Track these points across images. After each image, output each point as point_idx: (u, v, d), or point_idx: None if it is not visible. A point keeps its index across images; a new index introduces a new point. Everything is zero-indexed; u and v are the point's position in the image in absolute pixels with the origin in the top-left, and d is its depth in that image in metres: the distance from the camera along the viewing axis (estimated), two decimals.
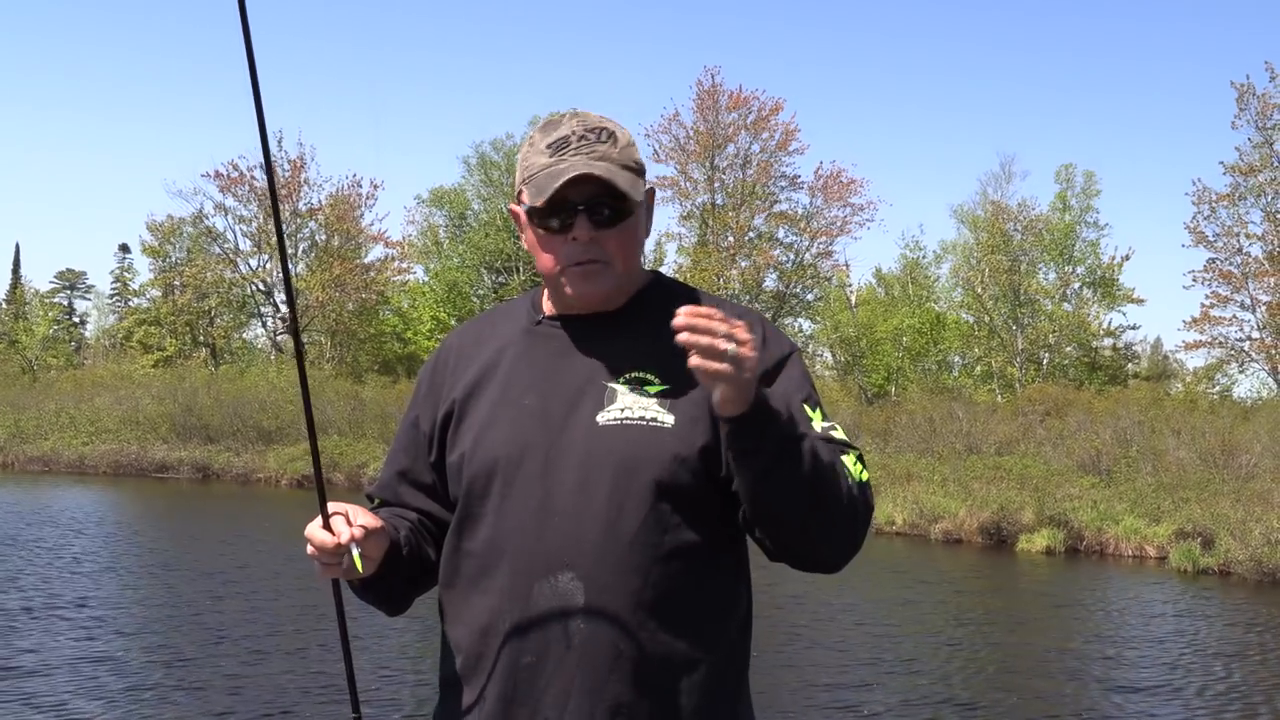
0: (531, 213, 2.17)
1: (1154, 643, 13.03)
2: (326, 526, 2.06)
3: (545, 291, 2.30)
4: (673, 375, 2.11)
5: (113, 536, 19.08)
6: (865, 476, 2.11)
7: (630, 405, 2.12)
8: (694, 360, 1.85)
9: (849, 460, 2.10)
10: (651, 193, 2.26)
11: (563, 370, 2.19)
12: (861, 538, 2.12)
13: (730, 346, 1.84)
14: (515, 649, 2.07)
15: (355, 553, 2.02)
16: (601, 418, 2.11)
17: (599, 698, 2.04)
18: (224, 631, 11.48)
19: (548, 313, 2.27)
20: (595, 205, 2.13)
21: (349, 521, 2.07)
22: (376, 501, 2.39)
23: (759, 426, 1.92)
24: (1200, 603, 16.24)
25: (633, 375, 2.14)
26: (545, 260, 2.19)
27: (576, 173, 2.10)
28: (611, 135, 2.18)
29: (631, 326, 2.20)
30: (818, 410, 2.17)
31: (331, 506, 2.10)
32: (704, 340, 1.84)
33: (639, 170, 2.20)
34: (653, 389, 2.13)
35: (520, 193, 2.22)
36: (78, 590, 13.51)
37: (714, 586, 2.13)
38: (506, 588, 2.09)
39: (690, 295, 2.27)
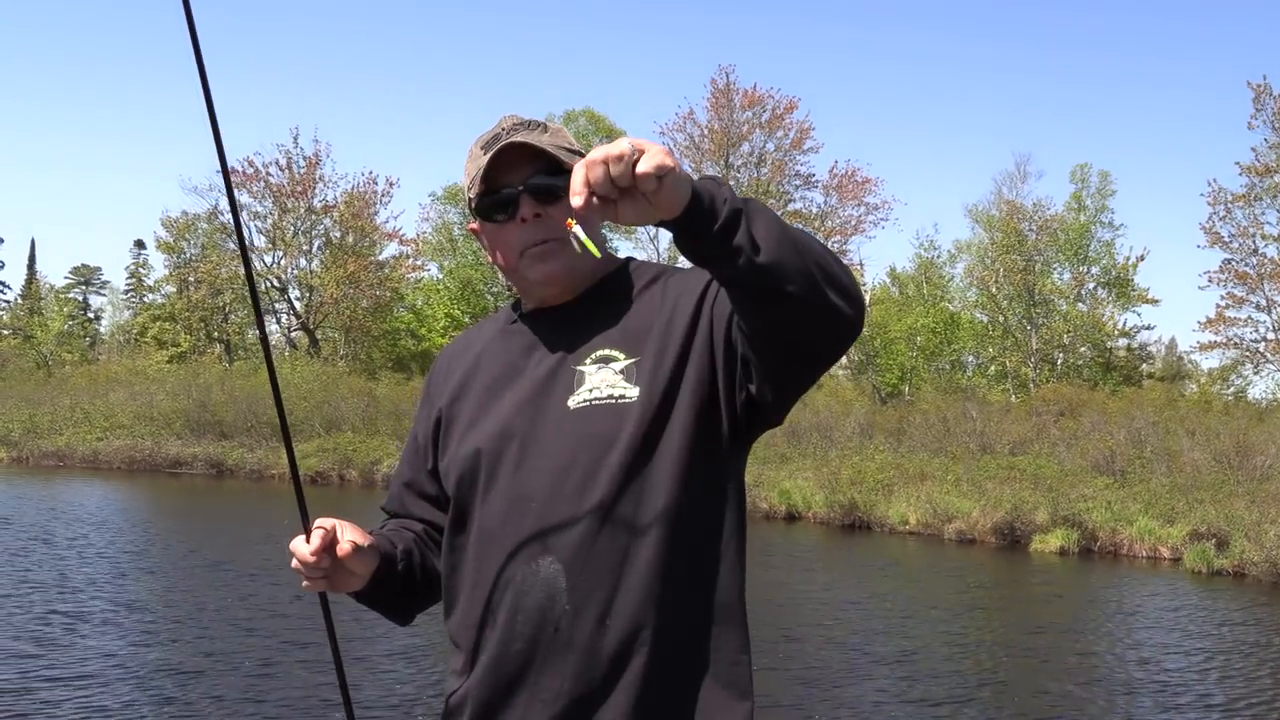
0: (478, 208, 2.22)
1: (1171, 645, 13.01)
2: (309, 541, 2.13)
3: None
4: (637, 349, 2.15)
5: (153, 536, 18.71)
6: None
7: (598, 385, 2.14)
8: (596, 206, 1.72)
9: None
10: None
11: (535, 361, 2.23)
12: (852, 283, 1.92)
13: (600, 172, 1.70)
14: (506, 637, 2.10)
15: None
16: (572, 401, 2.14)
17: (591, 677, 2.05)
18: (286, 637, 11.25)
19: (524, 311, 2.33)
20: (535, 187, 2.17)
21: (336, 536, 2.13)
22: (388, 514, 2.47)
23: (705, 207, 1.80)
24: (1216, 604, 16.19)
25: (599, 355, 2.17)
26: (504, 255, 2.24)
27: (503, 143, 2.16)
28: (542, 124, 2.24)
29: (599, 309, 2.23)
30: None
31: (318, 521, 2.15)
32: (586, 186, 1.71)
33: (575, 152, 2.23)
34: (618, 365, 2.15)
35: (470, 203, 2.27)
36: (129, 594, 13.26)
37: (697, 553, 2.11)
38: (494, 578, 2.12)
39: (658, 273, 2.30)
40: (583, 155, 2.22)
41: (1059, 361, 47.43)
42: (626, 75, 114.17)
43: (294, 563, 2.14)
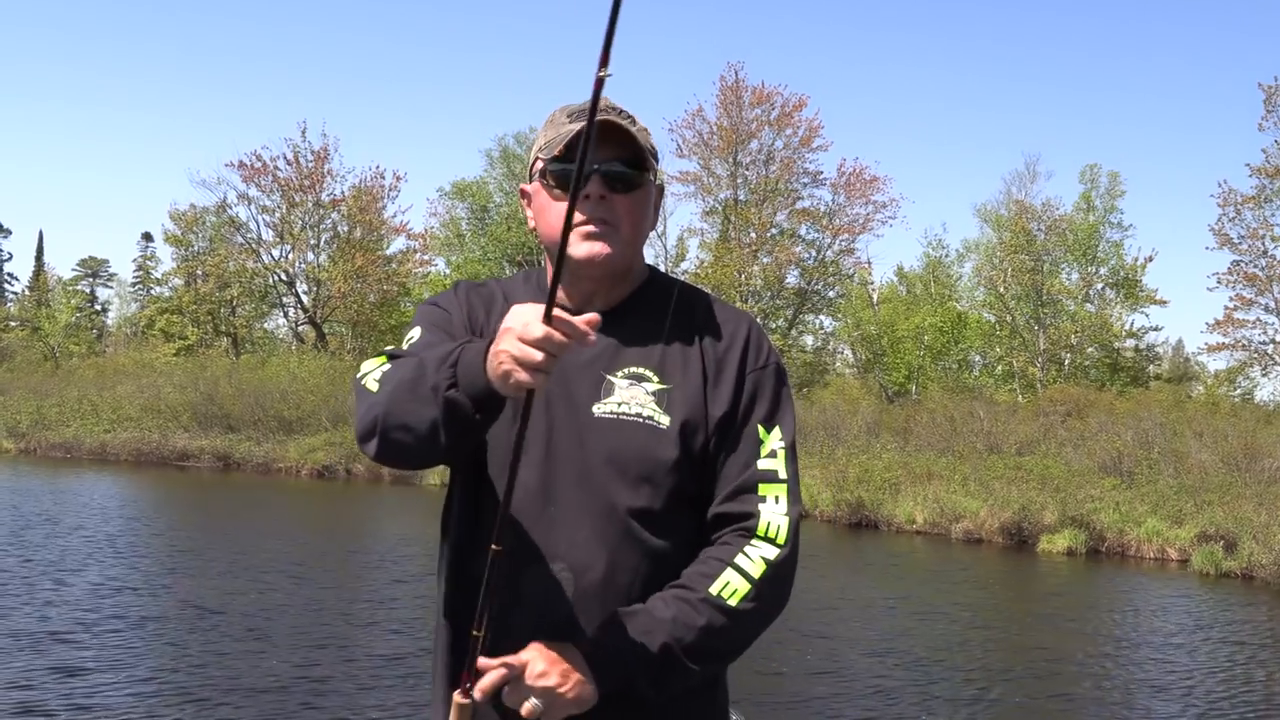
0: (546, 170, 2.17)
1: (1181, 647, 12.98)
2: (548, 321, 1.81)
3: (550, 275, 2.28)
4: (670, 376, 2.17)
5: (194, 536, 18.28)
6: (776, 545, 2.14)
7: (627, 400, 2.14)
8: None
9: (737, 566, 2.11)
10: (661, 189, 2.29)
11: (564, 360, 2.18)
12: (767, 617, 2.17)
13: (533, 702, 1.97)
14: (504, 631, 2.09)
15: None
16: (597, 409, 2.15)
17: None
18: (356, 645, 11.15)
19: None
20: (612, 172, 2.14)
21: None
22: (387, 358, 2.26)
23: (621, 689, 2.03)
24: (1225, 607, 16.15)
25: (631, 371, 2.17)
26: (551, 225, 2.18)
27: (602, 118, 2.10)
28: (632, 116, 2.20)
29: (631, 323, 2.22)
30: (774, 429, 2.21)
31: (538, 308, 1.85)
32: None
33: (654, 154, 2.22)
34: (651, 387, 2.15)
35: (534, 164, 2.24)
36: (193, 598, 12.78)
37: None
38: (502, 569, 2.06)
39: (695, 300, 2.31)
40: (657, 159, 2.25)
41: (1066, 362, 47.30)
42: (635, 72, 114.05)
43: (537, 353, 1.80)
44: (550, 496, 2.11)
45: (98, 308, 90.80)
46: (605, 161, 2.14)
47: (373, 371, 2.16)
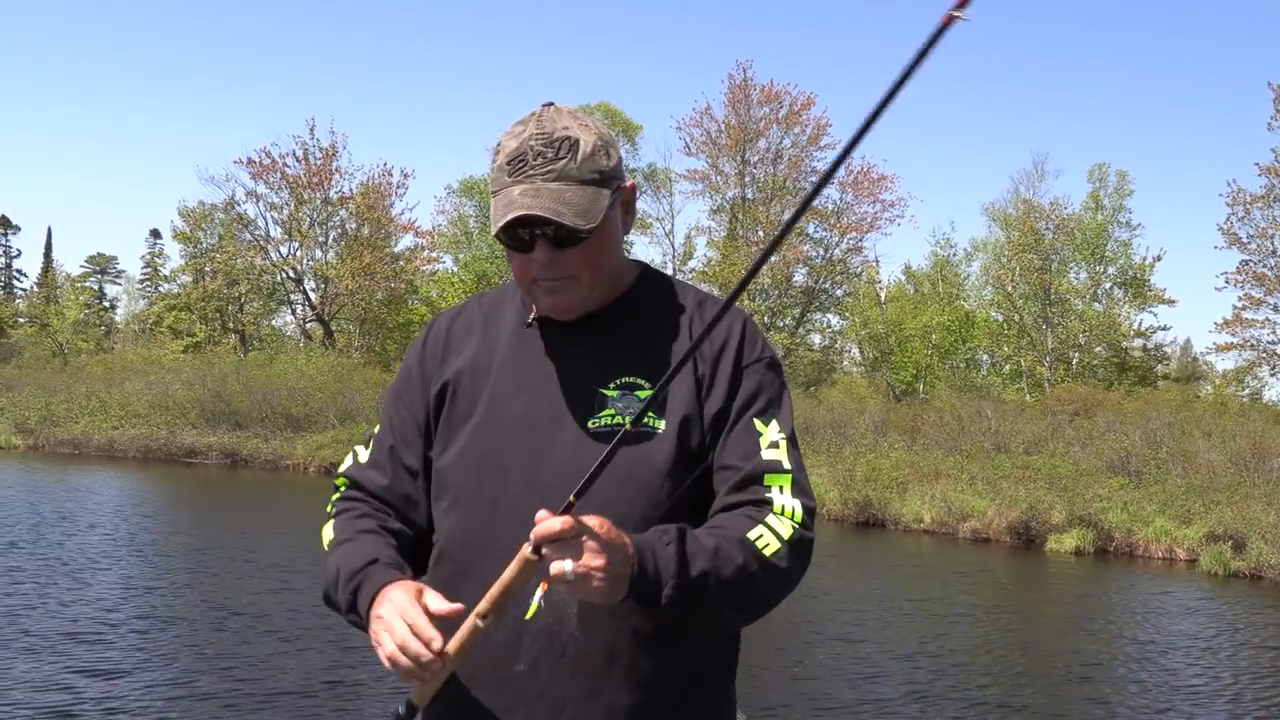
0: (498, 232, 2.11)
1: (1192, 647, 12.97)
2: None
3: None
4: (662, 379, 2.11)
5: (213, 531, 18.39)
6: (795, 523, 2.07)
7: (621, 411, 2.11)
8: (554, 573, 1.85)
9: (769, 525, 2.05)
10: (631, 188, 2.21)
11: (552, 375, 2.17)
12: (791, 584, 2.09)
13: (568, 568, 1.83)
14: (506, 657, 2.07)
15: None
16: (593, 424, 2.11)
17: (595, 704, 2.06)
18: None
19: (537, 312, 2.23)
20: (553, 238, 2.08)
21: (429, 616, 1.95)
22: (346, 483, 2.35)
23: (649, 600, 1.94)
24: (1234, 606, 16.12)
25: (623, 380, 2.13)
26: (516, 272, 2.17)
27: (517, 214, 2.04)
28: (573, 146, 2.08)
29: (619, 328, 2.19)
30: (771, 422, 2.16)
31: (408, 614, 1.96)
32: (554, 569, 1.84)
33: (603, 178, 2.11)
34: (643, 394, 2.12)
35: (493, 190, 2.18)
36: (214, 594, 12.84)
37: None
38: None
39: (685, 298, 2.27)
40: (619, 177, 2.16)
41: (1074, 361, 47.29)
42: (643, 69, 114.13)
43: (402, 659, 1.94)
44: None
45: (106, 304, 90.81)
46: (544, 225, 2.07)
47: (328, 522, 2.30)
